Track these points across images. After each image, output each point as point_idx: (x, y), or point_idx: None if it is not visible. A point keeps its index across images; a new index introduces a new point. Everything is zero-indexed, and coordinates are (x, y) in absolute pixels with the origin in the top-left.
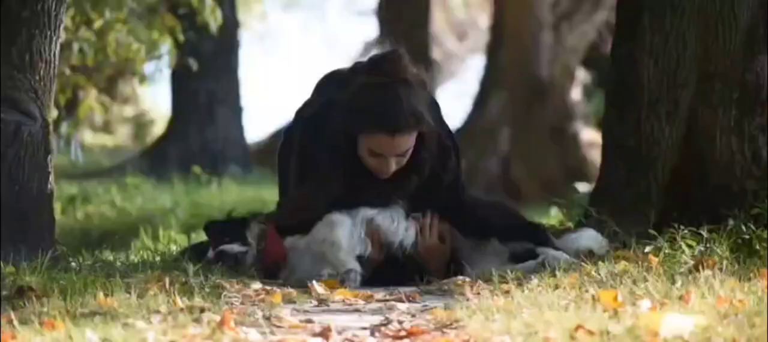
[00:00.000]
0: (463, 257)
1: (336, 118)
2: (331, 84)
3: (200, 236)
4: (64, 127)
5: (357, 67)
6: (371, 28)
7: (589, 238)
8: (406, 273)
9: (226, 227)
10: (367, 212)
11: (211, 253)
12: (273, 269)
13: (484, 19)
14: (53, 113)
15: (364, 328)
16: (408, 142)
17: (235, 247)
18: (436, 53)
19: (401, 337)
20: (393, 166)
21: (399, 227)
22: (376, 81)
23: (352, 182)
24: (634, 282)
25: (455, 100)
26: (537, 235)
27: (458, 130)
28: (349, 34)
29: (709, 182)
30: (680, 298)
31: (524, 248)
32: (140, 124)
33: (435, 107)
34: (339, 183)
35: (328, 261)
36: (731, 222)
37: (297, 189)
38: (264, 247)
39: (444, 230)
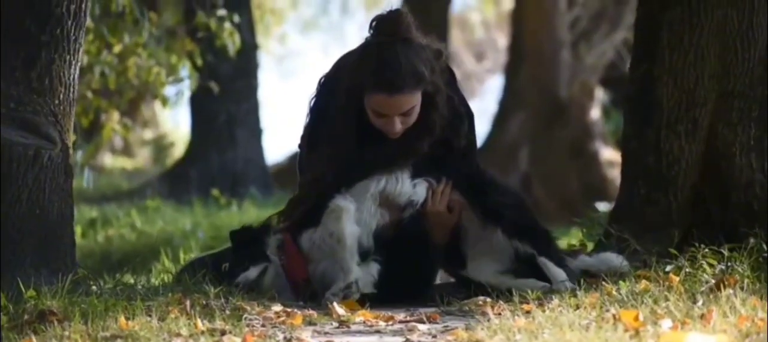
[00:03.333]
0: (468, 244)
1: (343, 80)
2: (345, 56)
3: None
4: (78, 155)
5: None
6: None
7: (609, 259)
8: (417, 244)
9: (251, 238)
10: (378, 184)
11: (229, 269)
12: (298, 285)
13: (502, 39)
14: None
15: None
16: (409, 101)
17: (250, 274)
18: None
19: None
20: (398, 126)
21: (404, 187)
22: (376, 41)
23: (363, 143)
24: (655, 301)
25: (475, 119)
26: (542, 243)
27: (478, 150)
28: None
29: (729, 200)
30: (702, 317)
31: (526, 252)
32: (160, 146)
33: (450, 74)
34: (350, 143)
35: (336, 259)
36: (752, 240)
37: (310, 150)
38: (286, 262)
39: (455, 201)
